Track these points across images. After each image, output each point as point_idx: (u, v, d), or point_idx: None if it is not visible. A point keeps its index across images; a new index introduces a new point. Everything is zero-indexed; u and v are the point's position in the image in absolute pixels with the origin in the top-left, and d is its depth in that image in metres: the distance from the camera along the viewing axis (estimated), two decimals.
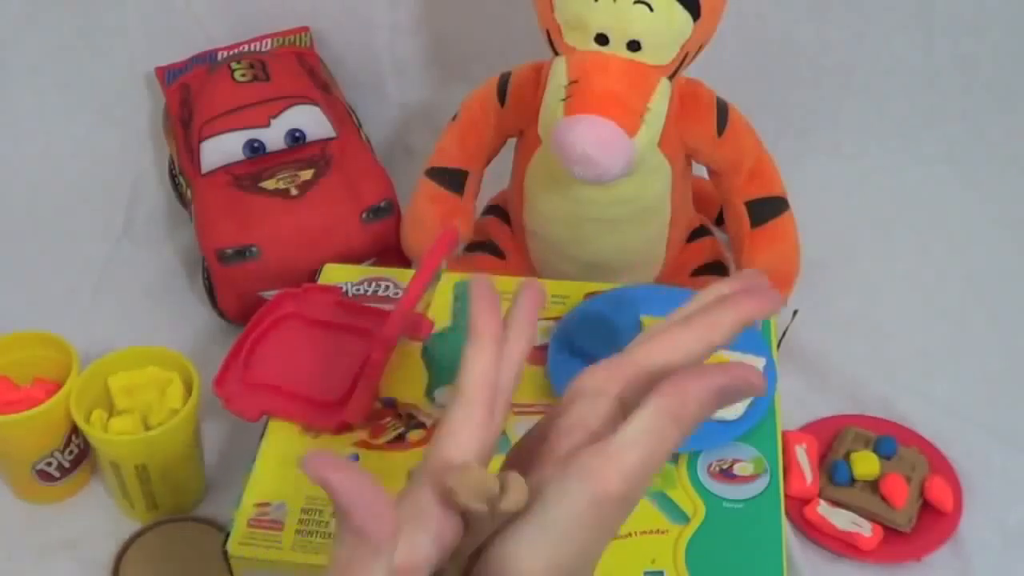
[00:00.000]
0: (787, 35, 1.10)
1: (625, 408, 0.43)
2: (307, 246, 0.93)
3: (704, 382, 0.41)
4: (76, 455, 0.85)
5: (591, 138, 0.77)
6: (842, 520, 0.82)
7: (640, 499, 0.42)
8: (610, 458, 0.40)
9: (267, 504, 0.72)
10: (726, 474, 0.73)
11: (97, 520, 0.86)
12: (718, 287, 0.46)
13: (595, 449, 0.40)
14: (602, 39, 0.80)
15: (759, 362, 0.78)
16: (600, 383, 0.43)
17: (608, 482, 0.40)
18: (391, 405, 0.78)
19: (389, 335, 0.77)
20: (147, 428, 0.80)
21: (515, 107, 0.90)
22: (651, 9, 0.79)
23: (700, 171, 0.94)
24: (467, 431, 0.43)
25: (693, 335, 0.44)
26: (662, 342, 0.44)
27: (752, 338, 0.81)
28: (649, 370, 0.43)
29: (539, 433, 0.45)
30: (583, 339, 0.80)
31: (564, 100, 0.79)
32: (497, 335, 0.44)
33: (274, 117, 1.00)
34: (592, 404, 0.43)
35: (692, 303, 0.46)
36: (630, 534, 0.70)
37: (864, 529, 0.81)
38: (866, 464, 0.84)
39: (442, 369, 0.80)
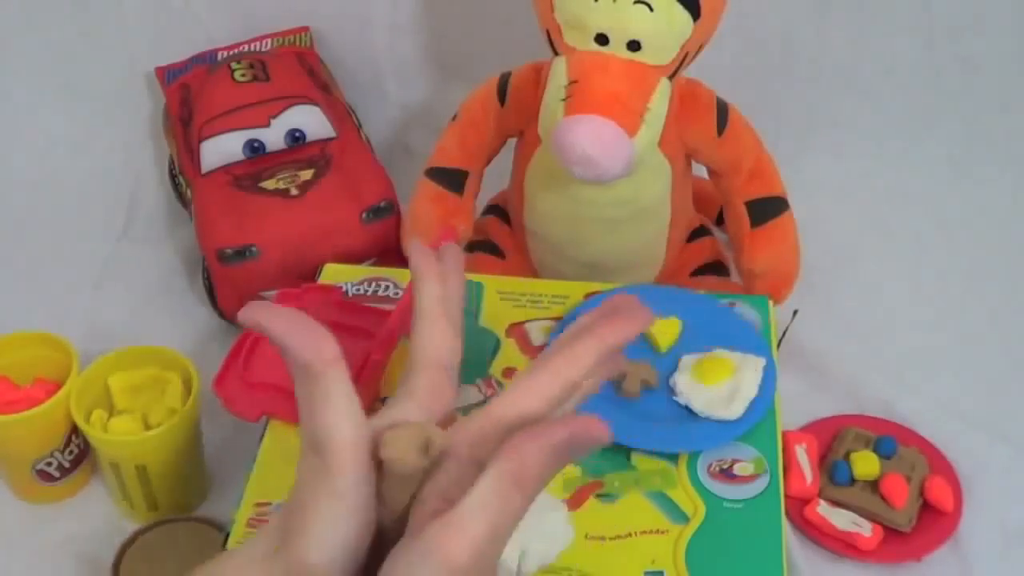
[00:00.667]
0: (787, 35, 1.10)
1: (482, 468, 0.41)
2: (307, 246, 0.93)
3: (541, 441, 0.40)
4: (76, 455, 0.85)
5: (591, 138, 0.77)
6: (842, 520, 0.82)
7: (495, 562, 0.41)
8: (455, 529, 0.40)
9: (267, 504, 0.72)
10: (726, 474, 0.73)
11: (97, 520, 0.86)
12: (581, 320, 0.45)
13: (441, 522, 0.40)
14: (602, 39, 0.80)
15: (759, 362, 0.78)
16: (453, 445, 0.43)
17: (456, 556, 0.40)
18: None
19: (389, 335, 0.77)
20: (147, 428, 0.80)
21: (515, 107, 0.90)
22: (651, 9, 0.79)
23: (700, 171, 0.94)
24: (435, 337, 0.47)
25: (550, 377, 0.43)
26: (519, 391, 0.43)
27: (752, 338, 0.81)
28: (508, 423, 0.43)
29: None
30: None
31: (564, 100, 0.79)
32: (437, 273, 0.49)
33: (274, 117, 1.00)
34: (446, 469, 0.43)
35: (556, 342, 0.45)
36: (630, 534, 0.70)
37: (864, 529, 0.81)
38: (866, 464, 0.84)
39: None
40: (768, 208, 0.92)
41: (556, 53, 0.83)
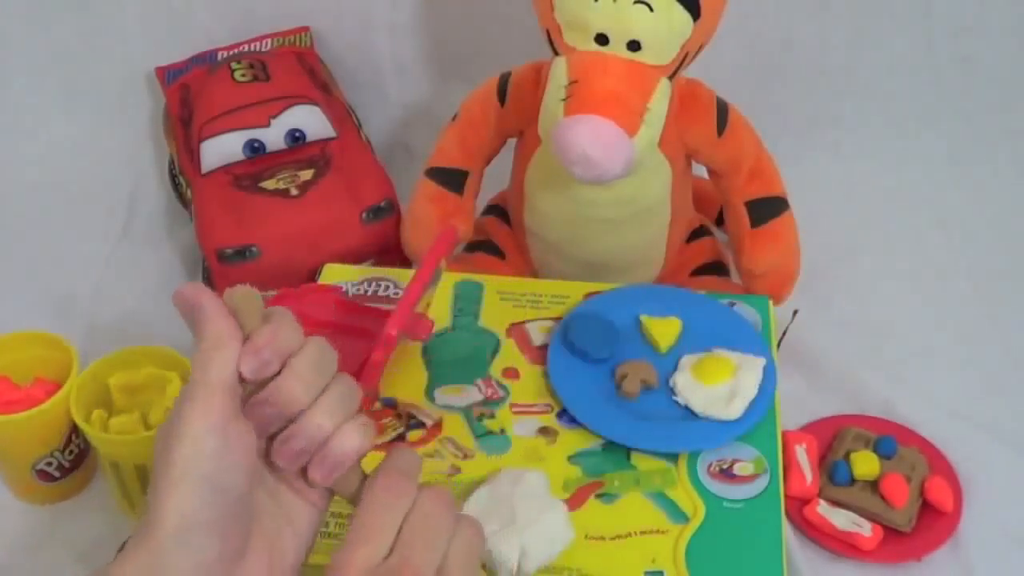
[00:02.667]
0: (787, 35, 1.10)
1: None
2: (307, 246, 0.93)
3: None
4: (76, 455, 0.85)
5: (591, 138, 0.77)
6: (842, 520, 0.81)
7: None
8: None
9: None
10: (726, 474, 0.73)
11: (97, 520, 0.85)
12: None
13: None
14: (602, 39, 0.80)
15: (759, 362, 0.78)
16: None
17: None
18: (391, 405, 0.78)
19: (389, 335, 0.77)
20: (147, 428, 0.80)
21: (515, 107, 0.90)
22: (651, 9, 0.79)
23: (700, 171, 0.94)
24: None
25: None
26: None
27: (752, 338, 0.81)
28: None
29: None
30: (583, 339, 0.80)
31: (564, 100, 0.79)
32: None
33: (274, 117, 1.00)
34: None
35: None
36: (630, 534, 0.70)
37: (864, 529, 0.81)
38: (866, 464, 0.84)
39: (442, 369, 0.80)
40: (768, 208, 0.92)
41: (556, 53, 0.83)
